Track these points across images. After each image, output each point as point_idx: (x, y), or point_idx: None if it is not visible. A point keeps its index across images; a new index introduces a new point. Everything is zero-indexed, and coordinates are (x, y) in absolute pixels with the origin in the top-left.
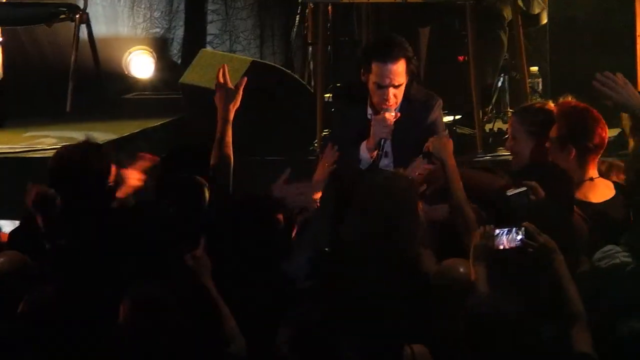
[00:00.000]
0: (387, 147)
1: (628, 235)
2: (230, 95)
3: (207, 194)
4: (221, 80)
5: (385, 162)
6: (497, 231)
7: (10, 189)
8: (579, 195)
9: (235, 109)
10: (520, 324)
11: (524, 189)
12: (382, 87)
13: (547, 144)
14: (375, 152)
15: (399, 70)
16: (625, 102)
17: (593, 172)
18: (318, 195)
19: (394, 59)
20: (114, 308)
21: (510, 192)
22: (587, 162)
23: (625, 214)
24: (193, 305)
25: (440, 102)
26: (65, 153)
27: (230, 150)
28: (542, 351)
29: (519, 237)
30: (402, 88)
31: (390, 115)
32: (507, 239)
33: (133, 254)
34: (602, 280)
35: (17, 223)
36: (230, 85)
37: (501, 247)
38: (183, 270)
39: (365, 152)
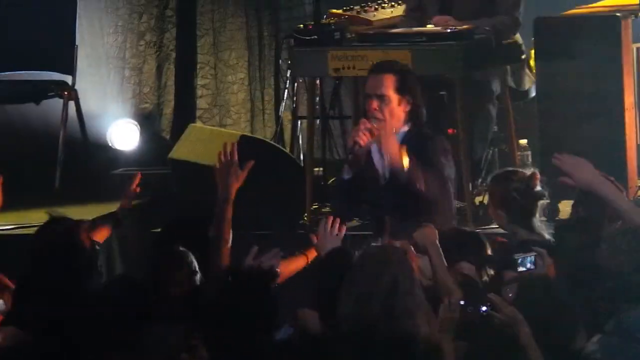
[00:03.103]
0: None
1: None
2: (235, 174)
3: (194, 267)
4: (227, 157)
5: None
6: (463, 303)
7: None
8: None
9: (237, 188)
10: None
11: (533, 253)
12: (367, 96)
13: None
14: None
15: (384, 82)
16: (585, 179)
17: None
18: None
19: (380, 71)
20: None
21: (518, 256)
22: None
23: None
24: None
25: (443, 142)
26: (49, 231)
27: (229, 229)
28: None
29: (484, 308)
30: (389, 103)
31: (365, 123)
32: (472, 310)
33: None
34: None
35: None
36: (237, 162)
37: (467, 318)
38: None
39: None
